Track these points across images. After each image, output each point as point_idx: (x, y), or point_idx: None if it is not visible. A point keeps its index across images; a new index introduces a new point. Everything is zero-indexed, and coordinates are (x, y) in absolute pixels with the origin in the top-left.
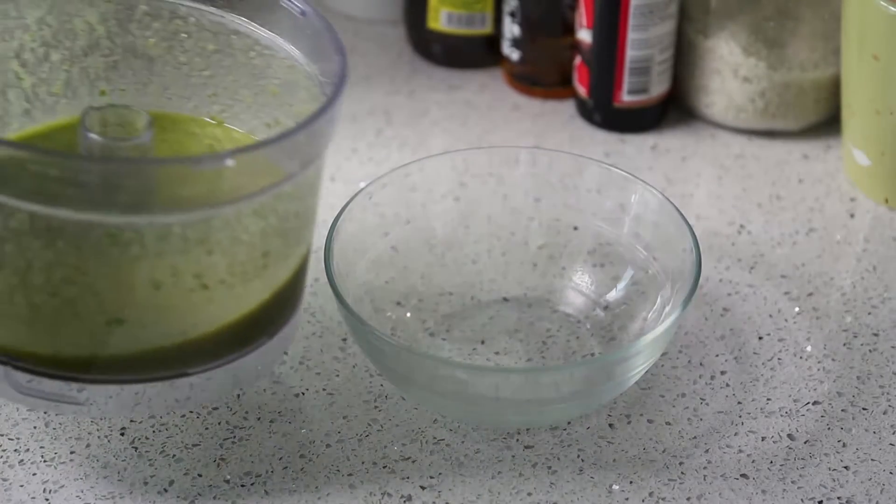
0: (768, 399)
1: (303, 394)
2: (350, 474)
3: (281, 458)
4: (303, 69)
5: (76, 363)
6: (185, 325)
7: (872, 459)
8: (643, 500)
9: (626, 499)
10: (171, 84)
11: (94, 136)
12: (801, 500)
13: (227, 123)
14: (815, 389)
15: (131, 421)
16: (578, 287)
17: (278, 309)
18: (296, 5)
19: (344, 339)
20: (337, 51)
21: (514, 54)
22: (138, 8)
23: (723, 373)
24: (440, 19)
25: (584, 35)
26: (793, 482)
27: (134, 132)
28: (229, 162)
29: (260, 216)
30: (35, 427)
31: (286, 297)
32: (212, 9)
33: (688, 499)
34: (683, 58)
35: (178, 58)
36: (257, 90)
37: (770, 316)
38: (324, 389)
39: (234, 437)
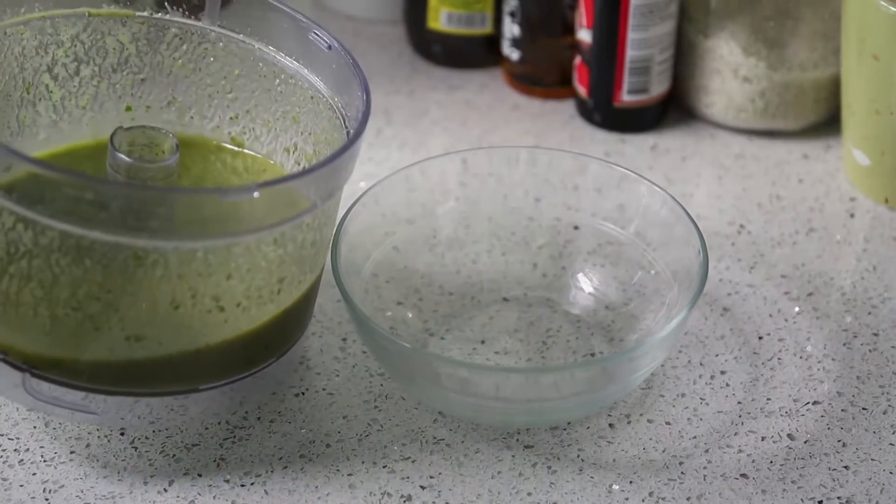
0: (768, 399)
1: (303, 394)
2: (350, 474)
3: (281, 458)
4: (325, 100)
5: (93, 375)
6: (200, 344)
7: (872, 459)
8: (643, 500)
9: (626, 499)
10: (194, 104)
11: (121, 155)
12: (801, 500)
13: (247, 145)
14: (815, 389)
15: None
16: (579, 287)
17: (287, 330)
18: (323, 40)
19: (344, 339)
20: (361, 87)
21: (514, 54)
22: (169, 30)
23: (723, 373)
24: (440, 19)
25: (584, 35)
26: (793, 482)
27: (160, 154)
28: (256, 194)
29: (279, 245)
30: (35, 427)
31: (295, 319)
32: (241, 36)
33: (688, 499)
34: (683, 58)
35: (204, 79)
36: (279, 116)
37: (770, 316)
38: (324, 389)
39: (234, 437)
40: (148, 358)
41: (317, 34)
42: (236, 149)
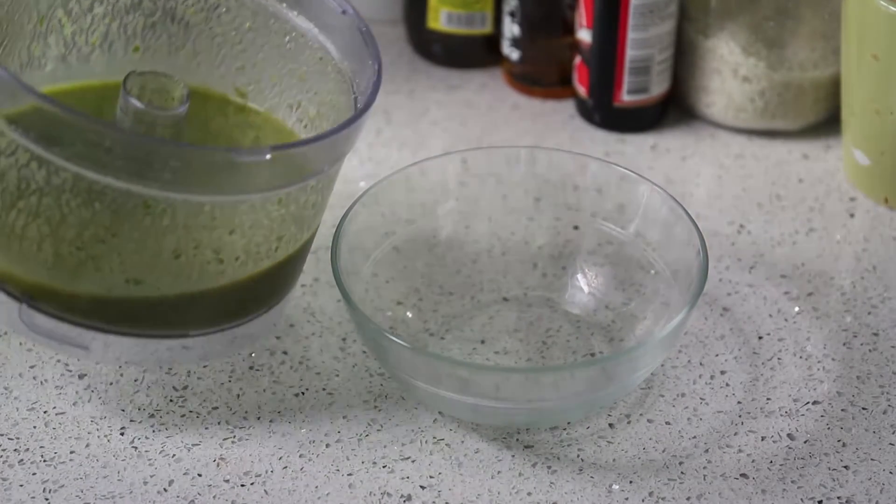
0: (768, 399)
1: (303, 394)
2: (350, 474)
3: (281, 458)
4: (335, 63)
5: (88, 311)
6: (195, 293)
7: (872, 459)
8: (643, 500)
9: (626, 499)
10: (202, 51)
11: (133, 100)
12: (801, 500)
13: (251, 97)
14: (815, 389)
15: (131, 421)
16: (579, 286)
17: (281, 283)
18: (337, 4)
19: (344, 339)
20: (373, 56)
21: (514, 54)
22: None
23: (723, 373)
24: (440, 19)
25: (584, 35)
26: (793, 482)
27: (170, 101)
28: (268, 156)
29: (283, 204)
30: (35, 427)
31: (289, 274)
32: None
33: (688, 499)
34: (683, 58)
35: (214, 28)
36: (286, 72)
37: (770, 316)
38: (324, 389)
39: (234, 437)
40: (143, 299)
41: None
42: (240, 100)
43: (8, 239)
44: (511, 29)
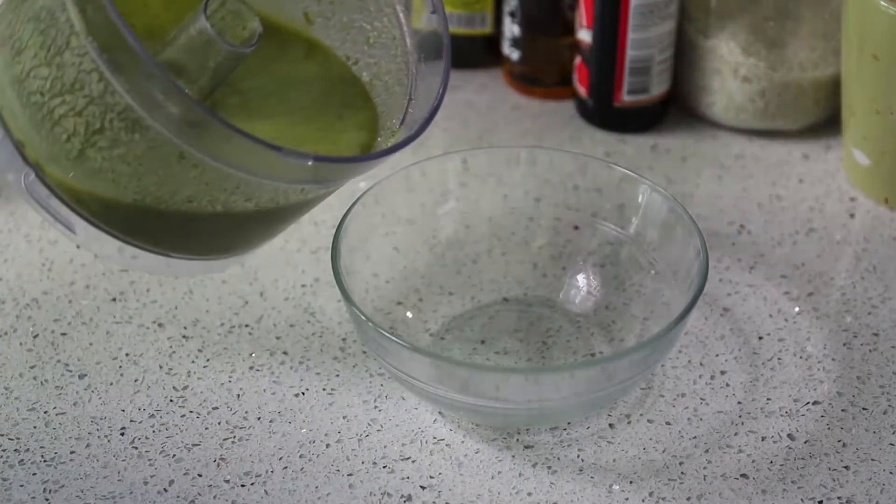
0: (768, 399)
1: (303, 394)
2: (350, 474)
3: (281, 458)
4: (404, 51)
5: (88, 206)
6: (192, 231)
7: (872, 459)
8: (643, 500)
9: (626, 499)
10: None
11: (207, 25)
12: (801, 500)
13: (315, 30)
14: (815, 389)
15: (131, 421)
16: (579, 287)
17: (273, 234)
18: (431, 2)
19: (344, 339)
20: (442, 76)
21: (514, 54)
22: None
23: (723, 373)
24: None
25: (584, 35)
26: (793, 482)
27: (241, 31)
28: (311, 163)
29: (304, 193)
30: (35, 427)
31: (276, 233)
32: None
33: (688, 499)
34: (683, 58)
35: None
36: (356, 28)
37: (770, 316)
38: (324, 389)
39: (234, 437)
40: (142, 220)
41: None
42: (307, 32)
43: (42, 119)
44: (511, 29)
